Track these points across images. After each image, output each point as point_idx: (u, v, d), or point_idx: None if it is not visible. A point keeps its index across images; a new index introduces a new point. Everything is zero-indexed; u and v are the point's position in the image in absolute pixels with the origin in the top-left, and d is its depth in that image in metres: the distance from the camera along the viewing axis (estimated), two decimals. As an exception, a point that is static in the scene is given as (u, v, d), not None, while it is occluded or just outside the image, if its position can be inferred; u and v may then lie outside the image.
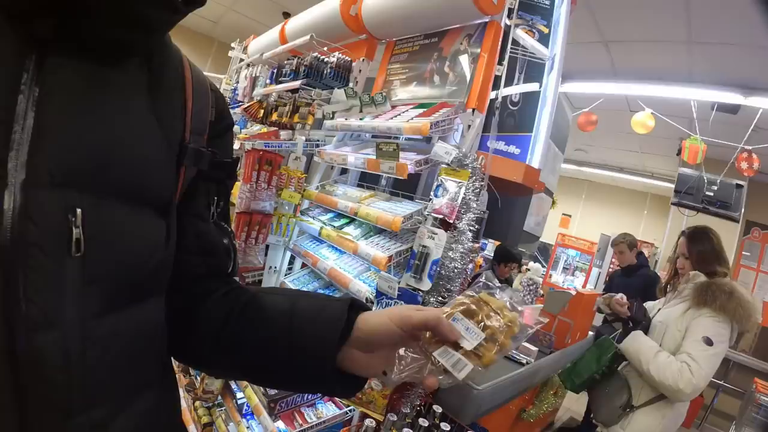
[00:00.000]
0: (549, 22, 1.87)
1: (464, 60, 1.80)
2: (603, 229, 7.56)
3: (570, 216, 8.99)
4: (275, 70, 2.76)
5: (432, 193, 1.49)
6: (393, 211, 1.56)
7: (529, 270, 5.40)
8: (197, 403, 2.37)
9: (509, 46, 1.77)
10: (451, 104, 1.68)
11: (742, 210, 4.64)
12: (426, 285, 1.43)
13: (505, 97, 1.76)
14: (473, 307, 0.55)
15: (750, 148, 4.20)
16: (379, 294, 1.47)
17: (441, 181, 1.47)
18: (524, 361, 2.22)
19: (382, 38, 2.28)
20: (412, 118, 1.66)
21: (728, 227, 5.02)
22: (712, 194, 4.31)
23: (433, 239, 1.42)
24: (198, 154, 0.57)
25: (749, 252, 5.52)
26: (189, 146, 0.55)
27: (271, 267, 2.17)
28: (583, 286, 6.35)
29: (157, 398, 0.55)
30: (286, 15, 4.63)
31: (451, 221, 1.41)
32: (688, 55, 3.65)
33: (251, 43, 3.79)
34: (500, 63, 1.74)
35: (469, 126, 1.64)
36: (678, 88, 4.08)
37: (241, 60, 3.87)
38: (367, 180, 2.06)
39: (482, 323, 0.54)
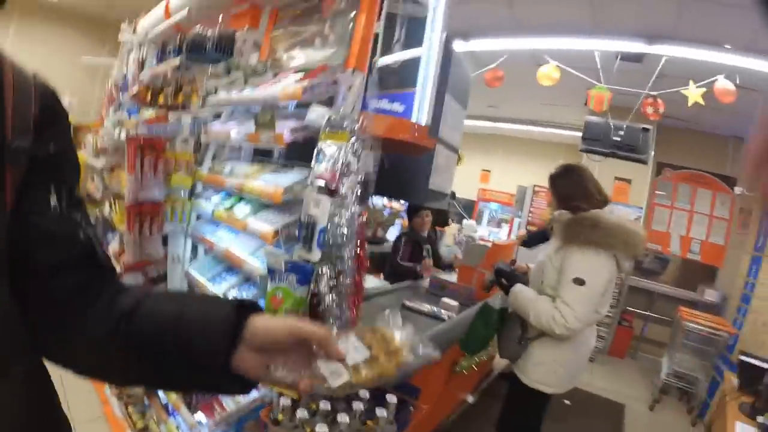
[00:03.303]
0: (428, -26, 1.83)
1: (344, 20, 1.73)
2: (520, 181, 7.90)
3: (489, 171, 9.22)
4: (160, 50, 2.56)
5: (314, 160, 1.44)
6: (276, 182, 1.50)
7: (463, 228, 5.53)
8: (130, 408, 2.29)
9: (386, 1, 1.72)
10: (330, 66, 1.61)
11: (652, 152, 4.93)
12: (316, 255, 1.39)
13: (386, 55, 1.72)
14: (368, 333, 0.63)
15: (655, 93, 4.41)
16: (271, 270, 1.41)
17: (320, 146, 1.42)
18: (445, 317, 2.28)
19: (266, 5, 2.15)
20: (290, 84, 1.58)
21: (640, 169, 5.36)
22: (619, 139, 4.52)
23: (318, 207, 1.38)
24: (21, 152, 0.55)
25: (663, 191, 5.86)
26: (12, 145, 0.54)
27: (173, 257, 2.05)
28: (508, 236, 6.62)
29: (9, 392, 0.53)
30: (181, -10, 4.28)
31: (333, 187, 1.38)
32: (590, 6, 3.75)
33: (140, 22, 3.48)
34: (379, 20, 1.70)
35: (350, 87, 1.59)
36: (582, 39, 4.20)
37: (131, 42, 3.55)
38: (263, 155, 1.97)
39: (369, 346, 0.60)
